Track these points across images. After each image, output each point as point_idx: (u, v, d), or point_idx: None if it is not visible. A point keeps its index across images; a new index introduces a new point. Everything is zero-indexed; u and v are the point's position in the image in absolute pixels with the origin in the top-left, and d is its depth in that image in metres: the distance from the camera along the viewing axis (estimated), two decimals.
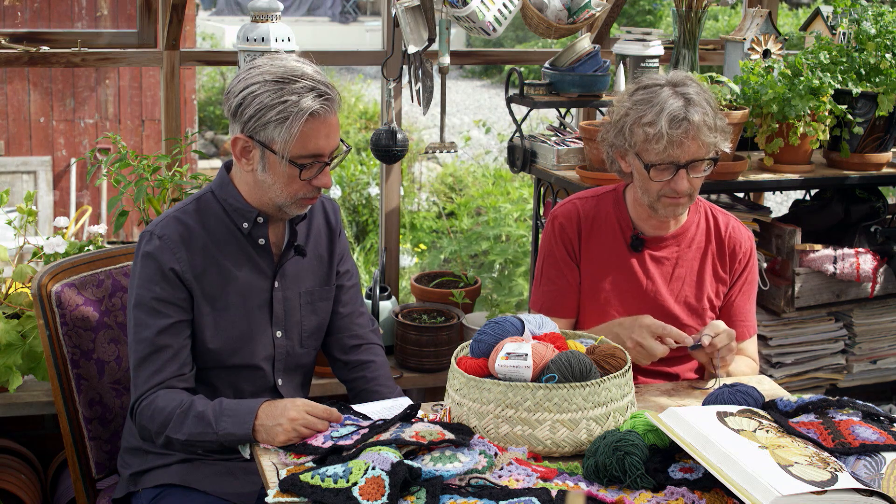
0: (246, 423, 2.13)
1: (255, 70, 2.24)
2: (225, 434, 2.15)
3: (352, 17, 17.68)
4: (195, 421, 2.18)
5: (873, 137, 3.46)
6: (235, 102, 2.23)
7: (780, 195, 8.57)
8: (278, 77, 2.21)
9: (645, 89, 2.46)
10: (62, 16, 7.52)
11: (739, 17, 5.46)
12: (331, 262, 2.50)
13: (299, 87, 2.20)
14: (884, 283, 3.56)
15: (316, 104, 2.20)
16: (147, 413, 2.24)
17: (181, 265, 2.28)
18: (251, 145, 2.24)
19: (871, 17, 3.42)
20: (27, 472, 3.14)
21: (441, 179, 8.69)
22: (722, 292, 2.65)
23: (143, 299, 2.28)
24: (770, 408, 2.13)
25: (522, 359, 2.04)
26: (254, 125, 2.21)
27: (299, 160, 2.23)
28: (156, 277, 2.27)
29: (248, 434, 2.12)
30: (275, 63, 2.25)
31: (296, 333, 2.44)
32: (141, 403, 2.26)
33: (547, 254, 2.67)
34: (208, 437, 2.17)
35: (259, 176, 2.27)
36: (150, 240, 2.29)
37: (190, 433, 2.19)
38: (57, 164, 7.70)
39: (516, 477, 1.91)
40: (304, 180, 2.25)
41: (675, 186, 2.44)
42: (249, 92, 2.21)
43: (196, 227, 2.31)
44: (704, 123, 2.40)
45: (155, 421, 2.23)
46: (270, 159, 2.24)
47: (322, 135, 2.23)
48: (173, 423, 2.20)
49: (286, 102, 2.19)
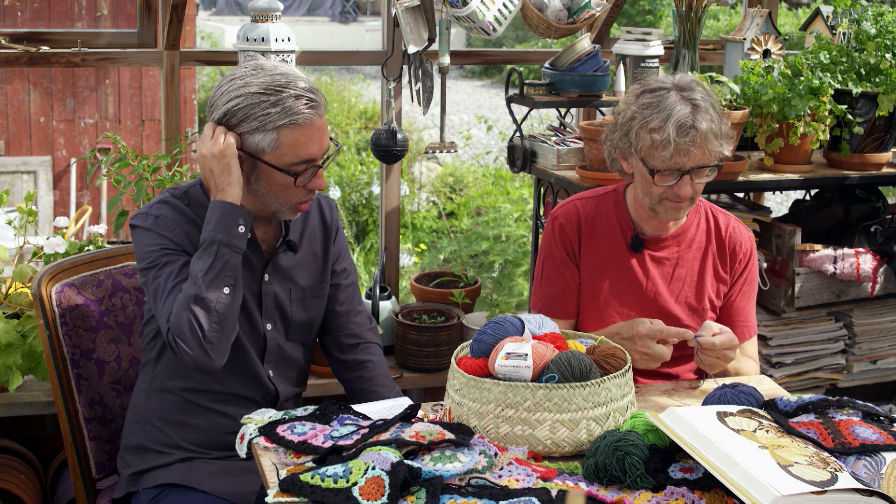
0: (219, 203, 2.22)
1: (237, 81, 2.24)
2: (215, 226, 2.21)
3: (352, 17, 17.68)
4: (196, 260, 2.21)
5: (873, 137, 3.46)
6: (219, 113, 2.24)
7: (780, 195, 8.57)
8: (263, 88, 2.21)
9: (651, 93, 2.45)
10: (62, 16, 7.52)
11: (739, 17, 5.46)
12: (325, 259, 2.51)
13: (280, 97, 2.20)
14: (884, 283, 3.56)
15: (302, 113, 2.21)
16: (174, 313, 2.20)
17: (180, 238, 2.29)
18: (242, 155, 2.25)
19: (871, 17, 3.42)
20: (27, 472, 3.14)
21: (441, 179, 8.69)
22: (722, 292, 2.65)
23: (156, 252, 2.27)
24: (770, 408, 2.13)
25: (522, 359, 2.04)
26: (239, 130, 2.22)
27: (292, 168, 2.25)
28: (162, 241, 2.28)
29: (221, 202, 2.22)
30: (257, 73, 2.24)
31: (283, 326, 2.45)
32: (170, 320, 2.22)
33: (547, 254, 2.67)
34: (210, 251, 2.20)
35: (252, 185, 2.29)
36: (146, 218, 2.30)
37: (199, 269, 2.19)
38: (57, 164, 7.70)
39: (516, 477, 1.91)
40: (299, 186, 2.26)
41: (678, 191, 2.44)
42: (235, 103, 2.21)
43: (188, 215, 2.33)
44: (711, 131, 2.40)
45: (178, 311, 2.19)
46: (262, 168, 2.25)
47: (314, 140, 2.25)
48: (186, 287, 2.19)
49: (271, 114, 2.20)
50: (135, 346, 2.65)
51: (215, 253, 2.21)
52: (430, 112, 3.63)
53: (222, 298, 2.21)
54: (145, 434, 2.42)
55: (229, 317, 2.22)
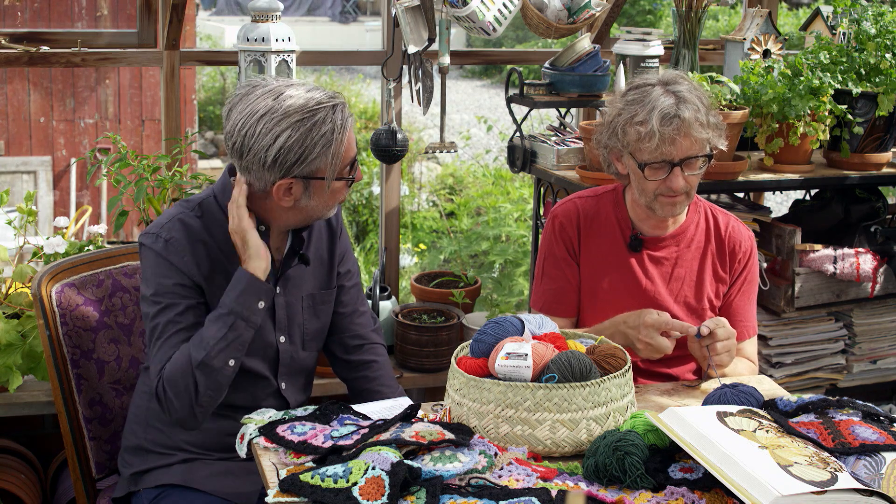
0: (239, 276, 2.22)
1: (269, 115, 2.18)
2: (231, 301, 2.21)
3: (352, 17, 17.68)
4: (210, 324, 2.20)
5: (873, 137, 3.46)
6: (269, 157, 2.18)
7: (780, 195, 8.57)
8: (300, 118, 2.18)
9: (636, 89, 2.47)
10: (62, 16, 7.52)
11: (739, 17, 5.46)
12: (331, 263, 2.50)
13: (322, 115, 2.20)
14: (884, 283, 3.56)
15: (345, 117, 2.24)
16: (172, 375, 2.20)
17: (189, 268, 2.27)
18: (294, 182, 2.24)
19: (871, 17, 3.42)
20: (27, 472, 3.14)
21: (441, 179, 8.69)
22: (722, 292, 2.65)
23: (164, 287, 2.26)
24: (770, 408, 2.13)
25: (522, 359, 2.04)
26: (299, 167, 2.21)
27: (345, 174, 2.28)
28: (172, 272, 2.27)
29: (246, 275, 2.22)
30: (283, 104, 2.19)
31: (298, 337, 2.44)
32: (162, 376, 2.22)
33: (547, 253, 2.67)
34: (226, 321, 2.20)
35: (301, 203, 2.28)
36: (156, 241, 2.28)
37: (213, 337, 2.18)
38: (57, 164, 7.70)
39: (516, 477, 1.91)
40: (349, 186, 2.31)
41: (670, 185, 2.45)
42: (283, 143, 2.17)
43: (200, 232, 2.30)
44: (696, 120, 2.40)
45: (185, 372, 2.18)
46: (316, 185, 2.26)
47: (353, 140, 2.28)
48: (193, 349, 2.19)
49: (324, 134, 2.20)
50: (135, 347, 2.65)
51: (231, 324, 2.20)
52: (430, 112, 3.63)
53: (227, 370, 2.21)
54: (146, 435, 2.41)
55: (227, 385, 2.23)
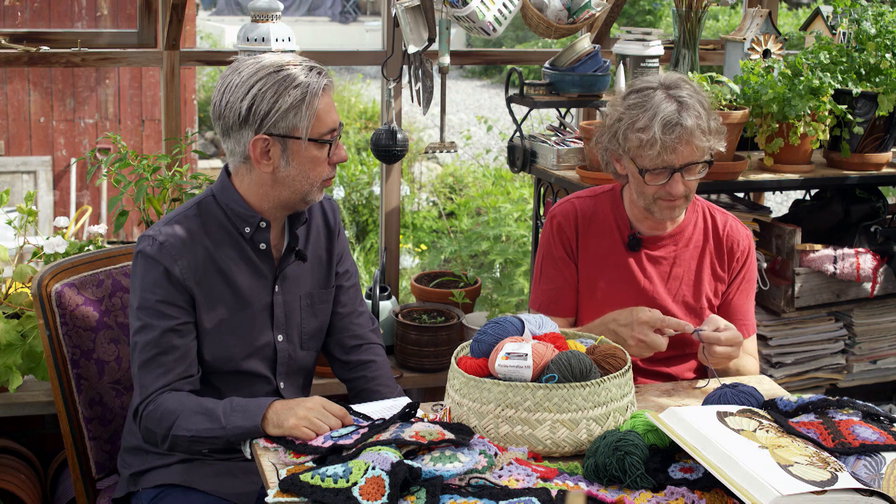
0: (256, 415, 2.11)
1: (244, 72, 2.23)
2: (233, 428, 2.13)
3: (352, 17, 17.68)
4: (204, 417, 2.17)
5: (873, 137, 3.46)
6: (244, 107, 2.21)
7: (780, 195, 8.57)
8: (273, 70, 2.22)
9: (638, 93, 2.46)
10: (62, 16, 7.52)
11: (739, 17, 5.46)
12: (330, 262, 2.50)
13: (297, 70, 2.23)
14: (884, 283, 3.56)
15: (322, 80, 2.24)
16: (155, 416, 2.22)
17: (182, 271, 2.26)
18: (271, 142, 2.24)
19: (871, 17, 3.42)
20: (27, 472, 3.14)
21: (441, 179, 8.69)
22: (720, 291, 2.65)
23: (148, 302, 2.26)
24: (770, 408, 2.13)
25: (522, 359, 2.04)
26: (271, 120, 2.21)
27: (322, 137, 2.26)
28: (160, 281, 2.26)
29: (256, 426, 2.10)
30: (258, 62, 2.25)
31: (296, 336, 2.44)
32: (147, 406, 2.24)
33: (545, 252, 2.67)
34: (216, 432, 2.15)
35: (281, 172, 2.27)
36: (152, 244, 2.27)
37: (197, 430, 2.17)
38: (57, 164, 7.70)
39: (516, 477, 1.91)
40: (327, 157, 2.27)
41: (670, 190, 2.44)
42: (257, 92, 2.20)
43: (198, 231, 2.30)
44: (698, 127, 2.40)
45: (163, 424, 2.21)
46: (293, 148, 2.24)
47: (332, 108, 2.28)
48: (180, 419, 2.19)
49: (297, 87, 2.21)
50: None
51: (216, 437, 2.17)
52: (430, 112, 3.63)
53: (194, 448, 2.23)
54: None
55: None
